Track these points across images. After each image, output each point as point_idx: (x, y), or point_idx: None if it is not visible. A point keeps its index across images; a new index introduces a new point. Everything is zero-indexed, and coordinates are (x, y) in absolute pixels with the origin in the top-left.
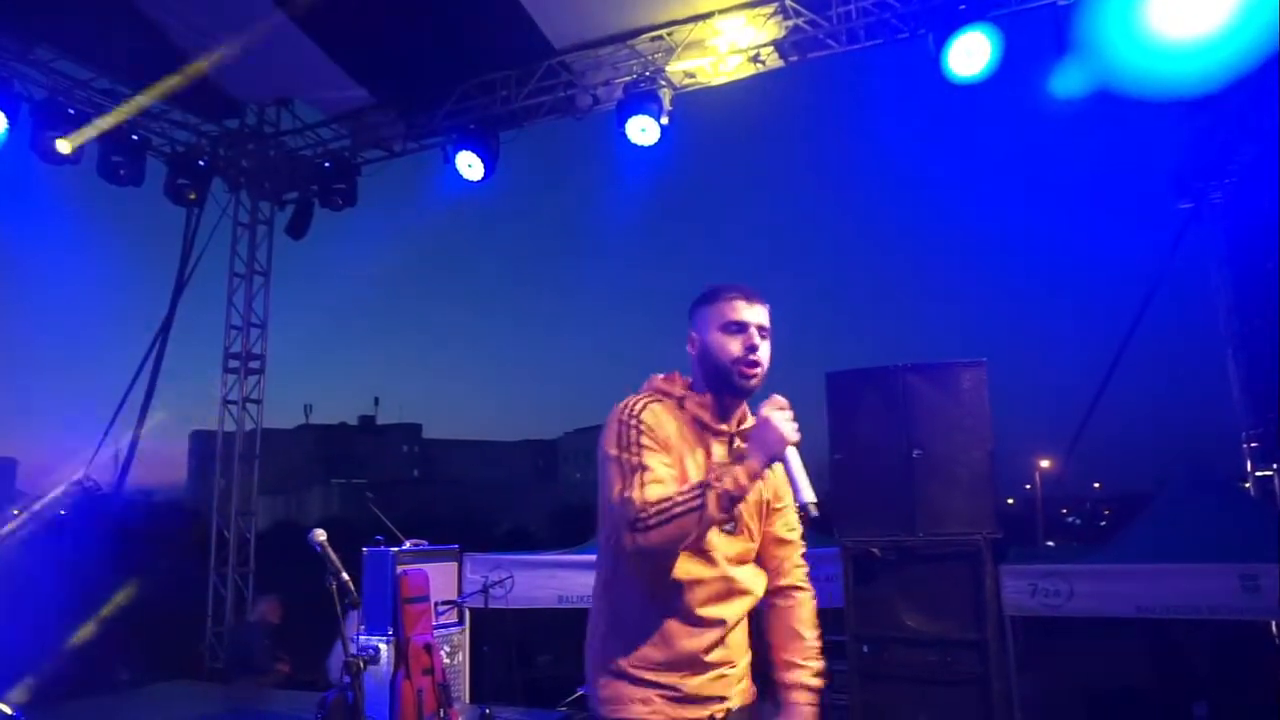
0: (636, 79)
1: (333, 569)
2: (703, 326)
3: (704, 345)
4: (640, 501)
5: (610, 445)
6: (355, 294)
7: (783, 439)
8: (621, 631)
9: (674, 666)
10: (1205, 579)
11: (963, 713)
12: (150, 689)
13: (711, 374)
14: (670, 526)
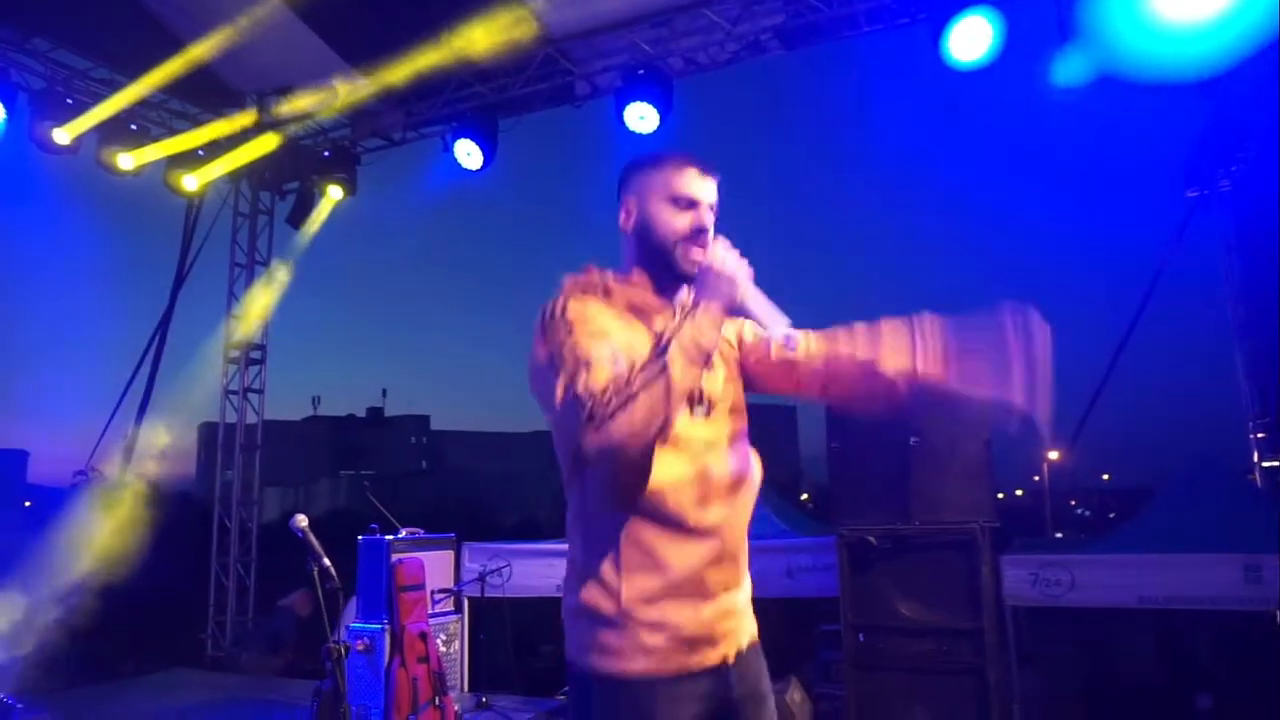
0: (635, 66)
1: (314, 555)
2: (642, 195)
3: (643, 218)
4: (589, 391)
5: (539, 354)
6: (361, 285)
7: (734, 276)
8: (606, 568)
9: (674, 593)
10: (1209, 569)
11: (958, 702)
12: (153, 677)
13: (649, 252)
14: (635, 407)
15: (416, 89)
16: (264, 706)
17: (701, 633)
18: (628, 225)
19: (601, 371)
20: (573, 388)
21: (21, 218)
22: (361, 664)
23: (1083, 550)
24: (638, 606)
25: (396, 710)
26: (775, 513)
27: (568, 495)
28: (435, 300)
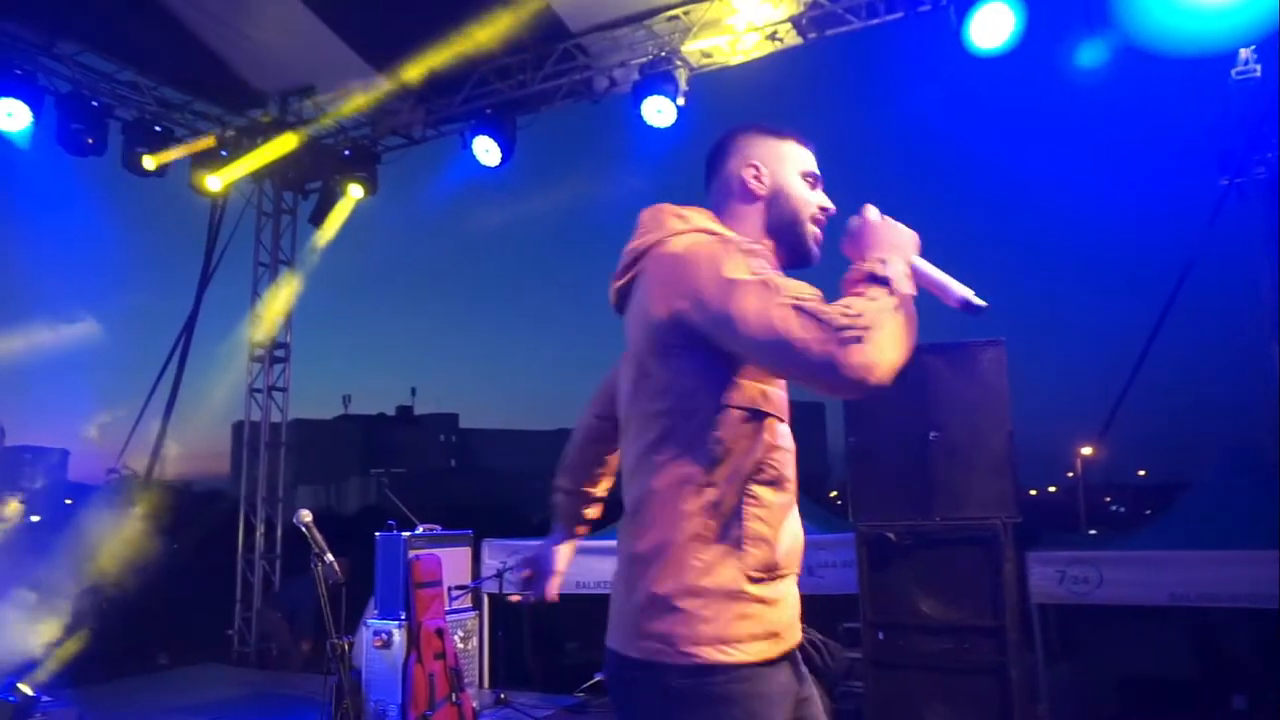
0: (652, 60)
1: (317, 550)
2: (775, 162)
3: (779, 186)
4: (833, 310)
5: (729, 270)
6: (390, 284)
7: (912, 236)
8: (726, 541)
9: (785, 566)
10: (1243, 566)
11: (979, 701)
12: (183, 672)
13: (781, 225)
14: (888, 329)
15: (436, 86)
16: (286, 702)
17: (795, 612)
18: (760, 190)
19: (820, 296)
20: (805, 307)
21: (49, 218)
22: (379, 660)
23: (1111, 547)
24: (762, 581)
25: (413, 706)
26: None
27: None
28: (462, 299)
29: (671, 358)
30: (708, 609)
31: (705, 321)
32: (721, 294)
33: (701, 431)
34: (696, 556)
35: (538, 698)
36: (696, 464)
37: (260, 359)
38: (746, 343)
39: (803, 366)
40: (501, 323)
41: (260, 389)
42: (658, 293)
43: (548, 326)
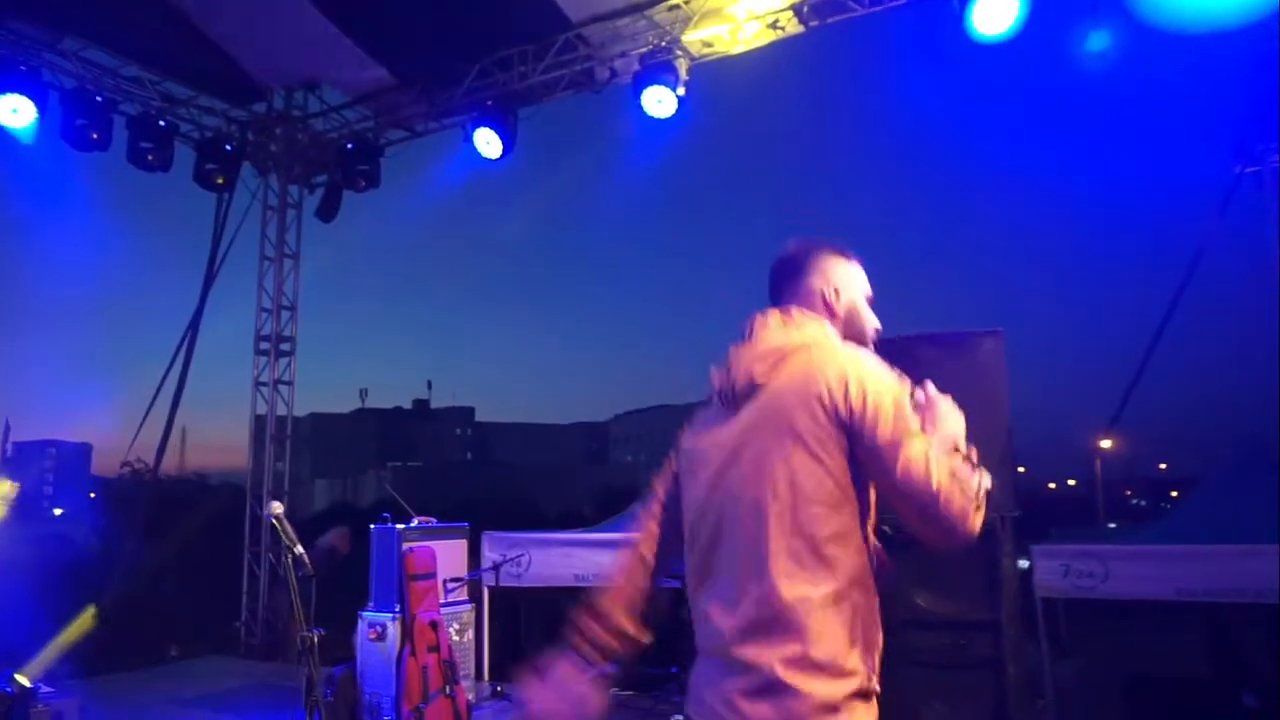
0: (653, 50)
1: (287, 542)
2: (847, 284)
3: (853, 308)
4: (965, 474)
5: (904, 409)
6: (404, 278)
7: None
8: (861, 646)
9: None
10: (1252, 560)
11: (977, 697)
12: (192, 664)
13: (850, 339)
14: (984, 505)
15: (437, 78)
16: (287, 693)
17: None
18: (838, 310)
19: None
20: (953, 469)
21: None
22: (373, 652)
23: (1120, 541)
24: (874, 679)
25: (407, 698)
26: None
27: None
28: (475, 292)
29: (839, 457)
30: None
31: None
32: (893, 426)
33: (858, 535)
34: (860, 665)
35: None
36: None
37: (266, 353)
38: (893, 476)
39: (935, 517)
40: (515, 315)
41: (266, 382)
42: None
43: (561, 319)
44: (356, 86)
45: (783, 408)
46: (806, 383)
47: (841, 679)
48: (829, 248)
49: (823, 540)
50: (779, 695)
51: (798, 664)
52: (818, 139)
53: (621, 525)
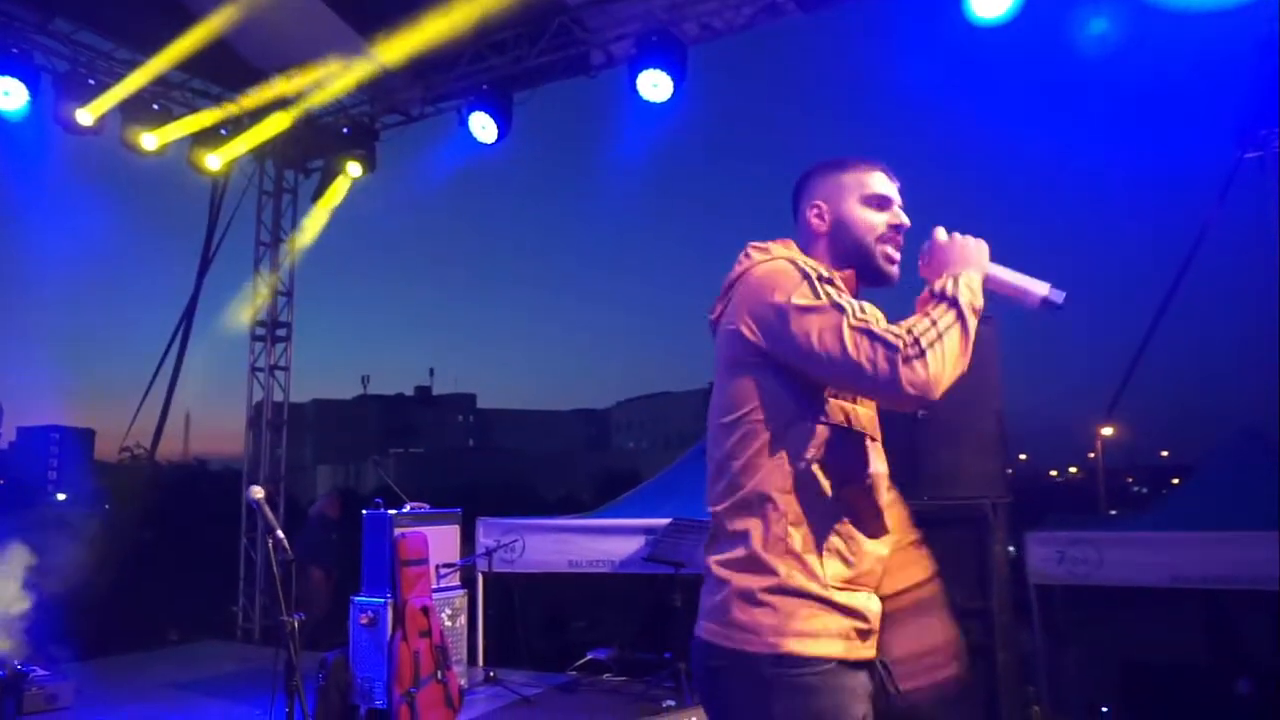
0: (649, 32)
1: (267, 526)
2: (835, 196)
3: (839, 218)
4: (892, 330)
5: (796, 297)
6: (406, 264)
7: (983, 247)
8: (808, 548)
9: (862, 582)
10: (1248, 547)
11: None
12: (188, 648)
13: (848, 252)
14: (946, 346)
15: (433, 62)
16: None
17: (874, 625)
18: (822, 227)
19: (883, 319)
20: (870, 329)
21: (47, 199)
22: (365, 637)
23: (1114, 528)
24: (836, 591)
25: (398, 683)
26: None
27: (756, 462)
28: (476, 278)
29: (752, 374)
30: (788, 606)
31: (777, 341)
32: (793, 316)
33: (785, 446)
34: (779, 564)
35: (529, 676)
36: (778, 478)
37: (262, 338)
38: (814, 362)
39: (868, 384)
40: (517, 301)
41: (262, 368)
42: (736, 314)
43: (562, 305)
44: (352, 70)
45: (719, 340)
46: (728, 312)
47: (761, 574)
48: (823, 164)
49: (734, 452)
50: (713, 587)
51: (723, 562)
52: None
53: (619, 512)
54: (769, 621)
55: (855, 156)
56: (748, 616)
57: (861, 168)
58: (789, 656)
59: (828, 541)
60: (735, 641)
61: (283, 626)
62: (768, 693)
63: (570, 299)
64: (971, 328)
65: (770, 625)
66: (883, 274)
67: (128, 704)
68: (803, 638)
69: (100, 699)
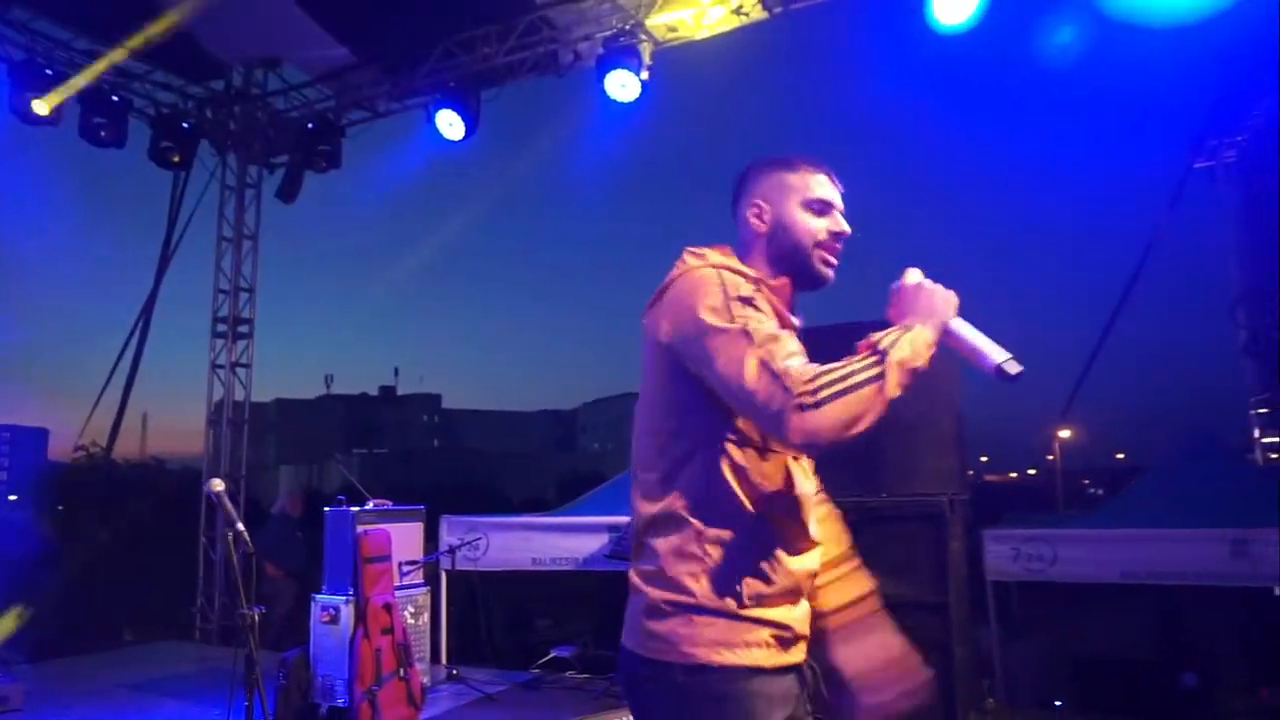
0: (616, 33)
1: (229, 520)
2: (777, 197)
3: (779, 220)
4: (798, 373)
5: (709, 315)
6: (371, 262)
7: (950, 300)
8: (727, 565)
9: (785, 597)
10: (1193, 544)
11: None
12: (146, 648)
13: (783, 257)
14: (849, 402)
15: (400, 59)
16: (241, 677)
17: (798, 632)
18: (761, 228)
19: (798, 357)
20: (771, 364)
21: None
22: (326, 635)
23: (1068, 526)
24: (754, 606)
25: (360, 681)
26: None
27: (673, 477)
28: (445, 277)
29: (673, 386)
30: (702, 619)
31: (687, 354)
32: (703, 334)
33: (704, 462)
34: (693, 582)
35: (493, 673)
36: (695, 493)
37: (224, 335)
38: (715, 383)
39: (756, 417)
40: (483, 301)
41: (224, 365)
42: (661, 323)
43: (529, 306)
44: (317, 65)
45: (645, 347)
46: (655, 319)
47: (675, 590)
48: (764, 162)
49: (658, 471)
50: (634, 598)
51: (641, 574)
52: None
53: (583, 510)
54: (684, 632)
55: (801, 157)
56: (663, 628)
57: (806, 169)
58: (703, 666)
59: (746, 559)
60: (651, 651)
61: (243, 620)
62: (683, 702)
63: (537, 300)
64: (892, 385)
65: (685, 635)
66: (818, 278)
67: (79, 705)
68: (717, 647)
69: (51, 701)
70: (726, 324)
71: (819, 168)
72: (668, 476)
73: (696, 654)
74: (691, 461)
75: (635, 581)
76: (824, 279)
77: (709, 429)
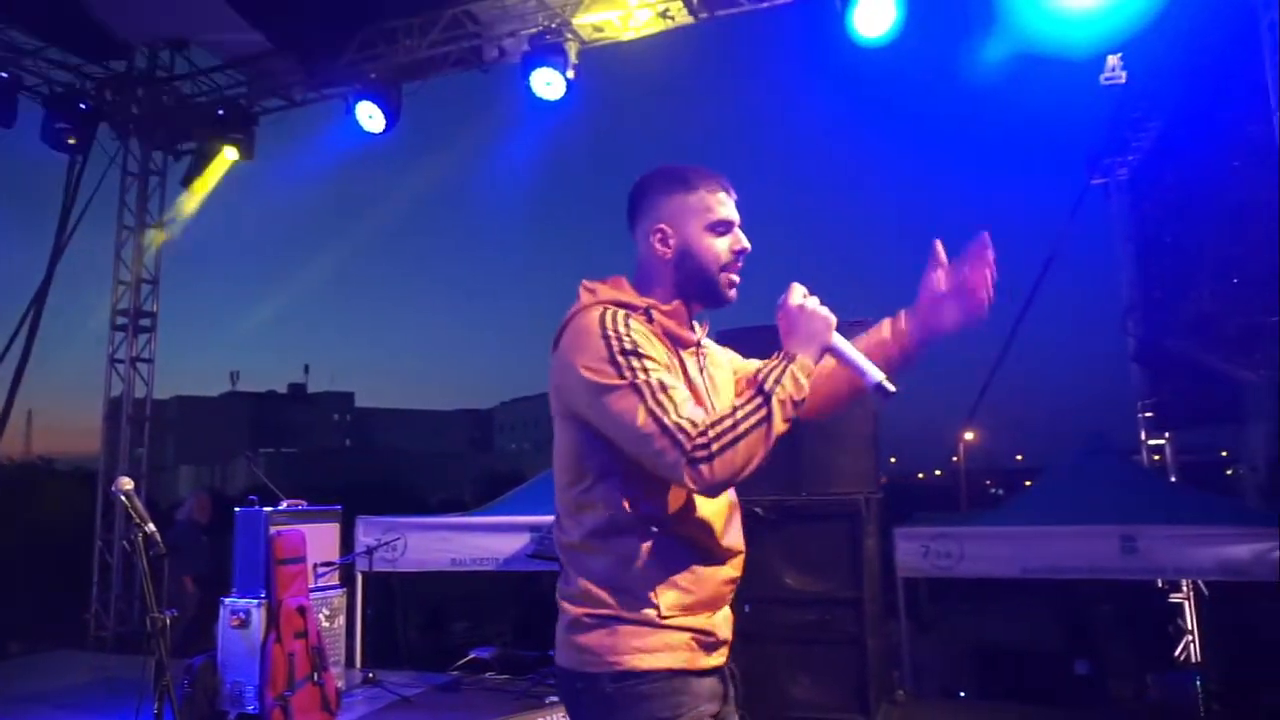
0: (542, 31)
1: (138, 519)
2: (680, 221)
3: (685, 246)
4: (689, 425)
5: (601, 368)
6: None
7: (828, 323)
8: (642, 582)
9: (703, 606)
10: (1087, 540)
11: (840, 671)
12: (34, 659)
13: (689, 280)
14: (740, 449)
15: (318, 47)
16: (141, 686)
17: (719, 637)
18: (666, 254)
19: (686, 406)
20: (664, 419)
21: None
22: (236, 640)
23: (973, 524)
24: (673, 615)
25: (271, 686)
26: None
27: (583, 505)
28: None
29: (571, 426)
30: (625, 630)
31: (579, 409)
32: (593, 394)
33: (612, 491)
34: (614, 599)
35: (411, 676)
36: (607, 520)
37: (124, 328)
38: (612, 436)
39: (653, 470)
40: (399, 298)
41: (123, 360)
42: (555, 367)
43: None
44: (230, 49)
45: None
46: (552, 362)
47: (589, 605)
48: (661, 181)
49: (569, 500)
50: (561, 618)
51: (563, 593)
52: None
53: (503, 509)
54: (608, 642)
55: (697, 171)
56: (588, 640)
57: (704, 189)
58: (628, 672)
59: (663, 575)
60: (581, 665)
61: (154, 624)
62: (612, 708)
63: (455, 297)
64: (778, 422)
65: (609, 645)
66: (721, 299)
67: None
68: (639, 654)
69: None
70: (615, 382)
71: (717, 184)
72: (579, 507)
73: (620, 661)
74: (596, 493)
75: (561, 603)
76: (728, 300)
77: (605, 466)
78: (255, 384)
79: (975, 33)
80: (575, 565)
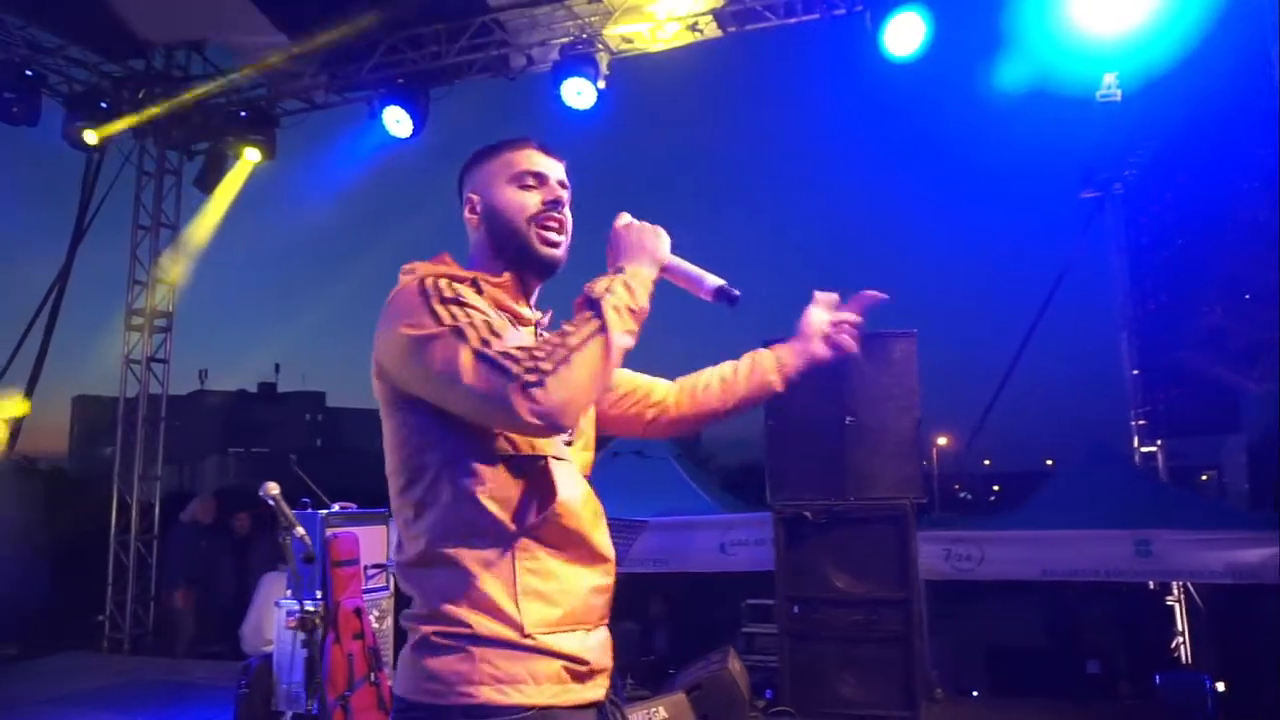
0: (573, 41)
1: (285, 524)
2: (485, 184)
3: (490, 206)
4: (515, 352)
5: (420, 320)
6: (253, 255)
7: (658, 234)
8: (501, 592)
9: (571, 621)
10: (1103, 544)
11: (885, 670)
12: (43, 662)
13: (504, 242)
14: (575, 363)
15: (342, 51)
16: (173, 689)
17: (594, 664)
18: (474, 220)
19: (513, 336)
20: (487, 351)
21: None
22: (292, 641)
23: (991, 527)
24: (539, 634)
25: (331, 687)
26: (703, 490)
27: (424, 506)
28: (328, 270)
29: (399, 413)
30: (481, 653)
31: (402, 379)
32: (412, 349)
33: (452, 487)
34: (468, 616)
35: None
36: (451, 523)
37: (140, 328)
38: (433, 393)
39: (485, 413)
40: (369, 297)
41: (139, 360)
42: (375, 350)
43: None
44: (250, 51)
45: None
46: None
47: (449, 625)
48: (476, 153)
49: (408, 506)
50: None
51: (408, 616)
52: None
53: None
54: (462, 669)
55: (508, 139)
56: (439, 665)
57: (509, 148)
58: (483, 706)
59: (522, 584)
60: (425, 694)
61: (303, 623)
62: None
63: None
64: (617, 332)
65: (463, 673)
66: (542, 258)
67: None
68: (499, 684)
69: None
70: (434, 330)
71: (525, 142)
72: (419, 513)
73: (474, 693)
74: (438, 491)
75: (405, 624)
76: (549, 259)
77: (447, 453)
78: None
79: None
80: (421, 585)
